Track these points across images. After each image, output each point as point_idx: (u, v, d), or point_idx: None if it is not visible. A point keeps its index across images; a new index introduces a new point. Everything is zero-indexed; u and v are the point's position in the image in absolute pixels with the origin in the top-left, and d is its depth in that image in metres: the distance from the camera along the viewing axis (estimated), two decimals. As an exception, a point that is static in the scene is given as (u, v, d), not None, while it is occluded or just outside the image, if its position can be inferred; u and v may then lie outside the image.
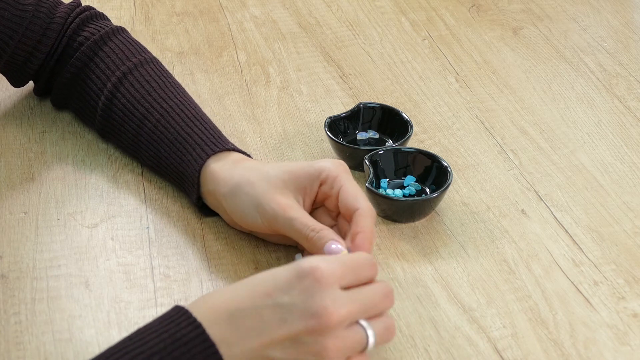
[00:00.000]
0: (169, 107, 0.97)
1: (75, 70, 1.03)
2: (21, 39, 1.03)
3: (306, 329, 0.71)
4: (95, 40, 1.03)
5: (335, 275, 0.73)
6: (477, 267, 0.91)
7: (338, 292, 0.73)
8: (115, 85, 1.00)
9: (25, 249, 0.91)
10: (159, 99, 0.98)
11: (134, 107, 0.98)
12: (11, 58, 1.04)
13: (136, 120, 0.98)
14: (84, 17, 1.06)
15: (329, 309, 0.71)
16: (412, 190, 0.98)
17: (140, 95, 0.99)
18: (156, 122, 0.97)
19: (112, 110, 1.00)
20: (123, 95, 0.99)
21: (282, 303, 0.72)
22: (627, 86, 1.20)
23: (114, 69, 1.01)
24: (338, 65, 1.23)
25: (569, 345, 0.83)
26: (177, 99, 0.99)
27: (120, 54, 1.02)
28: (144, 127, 0.97)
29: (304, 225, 0.84)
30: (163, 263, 0.91)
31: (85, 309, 0.85)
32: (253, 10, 1.35)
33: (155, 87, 0.99)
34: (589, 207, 1.00)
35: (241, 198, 0.88)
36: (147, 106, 0.98)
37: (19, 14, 1.02)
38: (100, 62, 1.02)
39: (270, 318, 0.72)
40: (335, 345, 0.72)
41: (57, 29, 1.04)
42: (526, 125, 1.12)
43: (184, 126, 0.96)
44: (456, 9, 1.37)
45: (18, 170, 1.01)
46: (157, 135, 0.96)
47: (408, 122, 1.05)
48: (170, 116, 0.97)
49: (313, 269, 0.72)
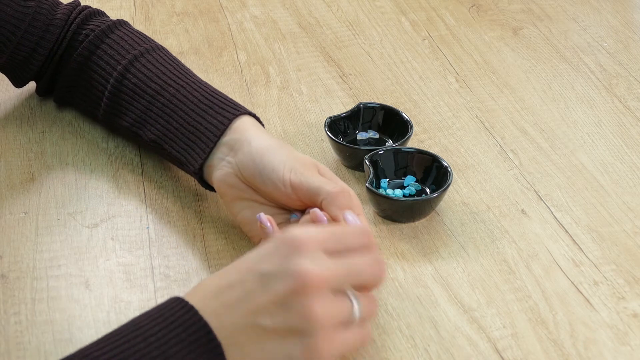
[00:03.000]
0: (186, 84, 0.98)
1: (81, 60, 1.04)
2: (23, 36, 1.03)
3: (288, 289, 0.71)
4: (101, 31, 1.04)
5: (316, 240, 0.73)
6: (477, 267, 0.91)
7: (318, 254, 0.72)
8: (126, 67, 1.00)
9: (25, 249, 0.91)
10: (174, 77, 0.99)
11: (145, 84, 0.99)
12: (13, 56, 1.04)
13: (147, 97, 0.98)
14: (86, 14, 1.06)
15: (308, 269, 0.71)
16: (412, 190, 0.98)
17: (153, 74, 0.99)
18: (171, 97, 0.97)
19: (121, 90, 1.00)
20: (134, 75, 1.00)
21: (264, 271, 0.72)
22: (627, 86, 1.20)
23: (123, 54, 1.02)
24: (338, 65, 1.23)
25: (569, 345, 0.83)
26: (193, 78, 0.99)
27: (129, 41, 1.03)
28: (156, 102, 0.97)
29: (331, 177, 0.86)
30: (163, 263, 0.91)
31: (85, 309, 0.85)
32: (253, 10, 1.35)
33: (169, 68, 1.00)
34: (589, 207, 1.00)
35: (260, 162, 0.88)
36: (162, 83, 0.98)
37: (22, 10, 1.03)
38: (108, 48, 1.03)
39: (253, 286, 0.72)
40: (321, 309, 0.71)
41: (60, 25, 1.05)
42: (526, 125, 1.12)
43: (207, 95, 0.96)
44: (456, 9, 1.37)
45: (18, 170, 1.01)
46: (171, 107, 0.96)
47: (408, 122, 1.05)
48: (187, 91, 0.97)
49: (292, 236, 0.73)
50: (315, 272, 0.71)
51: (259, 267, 0.73)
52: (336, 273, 0.73)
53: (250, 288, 0.72)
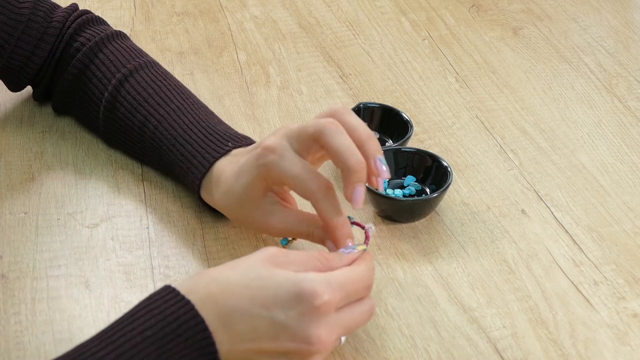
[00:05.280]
0: (166, 113, 0.96)
1: (73, 78, 1.03)
2: (17, 43, 1.02)
3: (296, 350, 0.73)
4: (92, 46, 1.02)
5: (334, 304, 0.74)
6: (477, 267, 0.91)
7: (332, 318, 0.74)
8: (112, 93, 0.99)
9: (25, 249, 0.91)
10: (156, 105, 0.97)
11: (132, 115, 0.98)
12: (8, 62, 1.03)
13: (136, 128, 0.98)
14: (81, 22, 1.05)
15: (322, 337, 0.73)
16: (412, 190, 0.98)
17: (137, 103, 0.98)
18: (154, 129, 0.96)
19: (113, 120, 1.00)
20: (121, 104, 0.99)
21: (278, 320, 0.73)
22: (627, 86, 1.20)
23: (110, 77, 1.00)
24: (338, 65, 1.23)
25: (569, 345, 0.83)
26: (174, 104, 0.97)
27: (115, 61, 1.01)
28: (145, 134, 0.97)
29: None
30: (163, 263, 0.91)
31: (85, 309, 0.85)
32: (253, 10, 1.35)
33: (151, 93, 0.98)
34: (589, 207, 1.00)
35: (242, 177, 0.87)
36: (145, 113, 0.97)
37: (15, 17, 1.01)
38: (97, 69, 1.02)
39: (263, 331, 0.73)
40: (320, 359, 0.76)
41: (55, 34, 1.03)
42: (526, 125, 1.12)
43: (182, 133, 0.94)
44: (456, 9, 1.37)
45: (18, 170, 1.01)
46: (157, 142, 0.96)
47: (408, 122, 1.05)
48: (167, 123, 0.96)
49: (315, 295, 0.73)
50: (325, 339, 0.74)
51: (273, 311, 0.73)
52: (340, 333, 0.76)
53: (260, 332, 0.73)
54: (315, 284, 0.73)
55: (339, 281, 0.75)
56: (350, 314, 0.76)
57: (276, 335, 0.73)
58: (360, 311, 0.77)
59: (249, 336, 0.73)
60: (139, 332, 0.71)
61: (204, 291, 0.74)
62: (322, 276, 0.75)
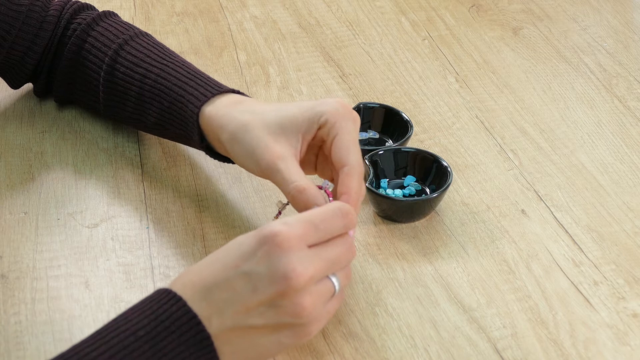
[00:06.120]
0: (166, 65, 0.98)
1: (72, 56, 1.04)
2: (18, 34, 1.03)
3: (277, 292, 0.72)
4: (85, 26, 1.04)
5: (297, 237, 0.73)
6: (477, 267, 0.91)
7: (302, 253, 0.73)
8: (112, 57, 1.01)
9: (25, 249, 0.91)
10: (158, 59, 1.00)
11: (133, 71, 0.99)
12: (8, 55, 1.04)
13: (137, 83, 0.99)
14: (75, 9, 1.07)
15: (296, 271, 0.72)
16: (412, 190, 0.98)
17: (138, 59, 1.00)
18: (156, 77, 0.98)
19: (114, 82, 1.01)
20: (122, 64, 1.00)
21: (249, 271, 0.72)
22: (627, 86, 1.20)
23: (106, 49, 1.02)
24: (338, 65, 1.23)
25: (569, 345, 0.83)
26: (173, 62, 0.99)
27: (109, 35, 1.03)
28: (146, 85, 0.98)
29: (287, 180, 0.84)
30: (163, 263, 0.91)
31: (85, 309, 0.85)
32: (253, 10, 1.35)
33: (149, 54, 1.01)
34: (588, 207, 1.00)
35: (239, 145, 0.88)
36: (147, 66, 0.99)
37: (15, 8, 1.03)
38: (95, 41, 1.03)
39: (241, 287, 0.73)
40: (310, 302, 0.73)
41: (53, 22, 1.05)
42: (526, 125, 1.12)
43: (182, 77, 0.96)
44: (456, 9, 1.37)
45: (18, 170, 1.01)
46: (158, 89, 0.97)
47: (408, 122, 1.05)
48: (167, 72, 0.98)
49: (273, 234, 0.73)
50: (301, 271, 0.72)
51: (242, 266, 0.73)
52: (319, 268, 0.74)
53: (238, 289, 0.73)
54: (272, 225, 0.74)
55: (298, 218, 0.75)
56: (326, 250, 0.75)
57: (254, 286, 0.72)
58: (337, 246, 0.76)
59: (231, 300, 0.72)
60: (132, 332, 0.71)
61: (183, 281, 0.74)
62: (281, 219, 0.75)
